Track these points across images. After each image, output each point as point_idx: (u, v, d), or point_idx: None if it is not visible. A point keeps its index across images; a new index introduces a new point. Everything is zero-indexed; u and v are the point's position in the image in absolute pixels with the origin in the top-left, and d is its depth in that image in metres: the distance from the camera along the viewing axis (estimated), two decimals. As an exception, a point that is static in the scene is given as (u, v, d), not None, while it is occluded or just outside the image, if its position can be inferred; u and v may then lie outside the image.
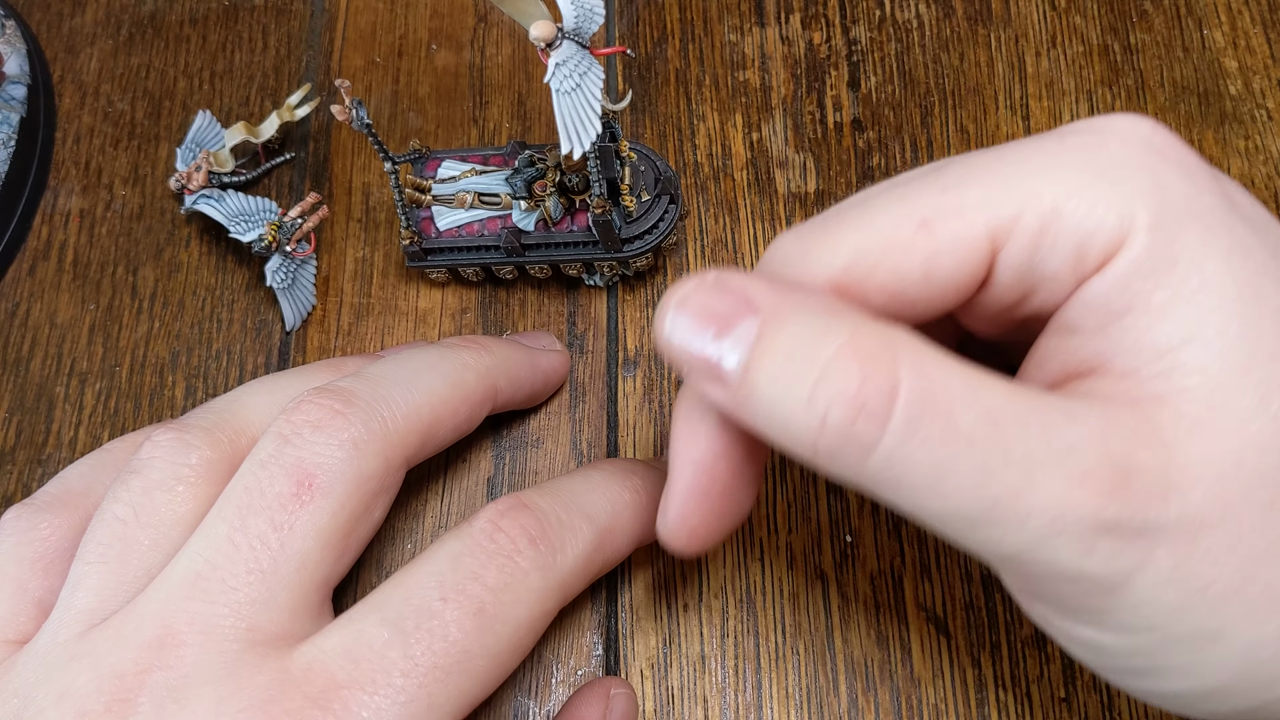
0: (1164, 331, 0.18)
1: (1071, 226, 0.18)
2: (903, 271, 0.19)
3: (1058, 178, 0.19)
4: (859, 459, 0.18)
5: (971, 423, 0.17)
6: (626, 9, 0.36)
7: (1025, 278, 0.19)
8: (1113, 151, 0.19)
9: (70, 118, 0.37)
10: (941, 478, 0.17)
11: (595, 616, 0.28)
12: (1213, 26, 0.35)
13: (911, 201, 0.20)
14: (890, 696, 0.27)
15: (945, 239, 0.19)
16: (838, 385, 0.17)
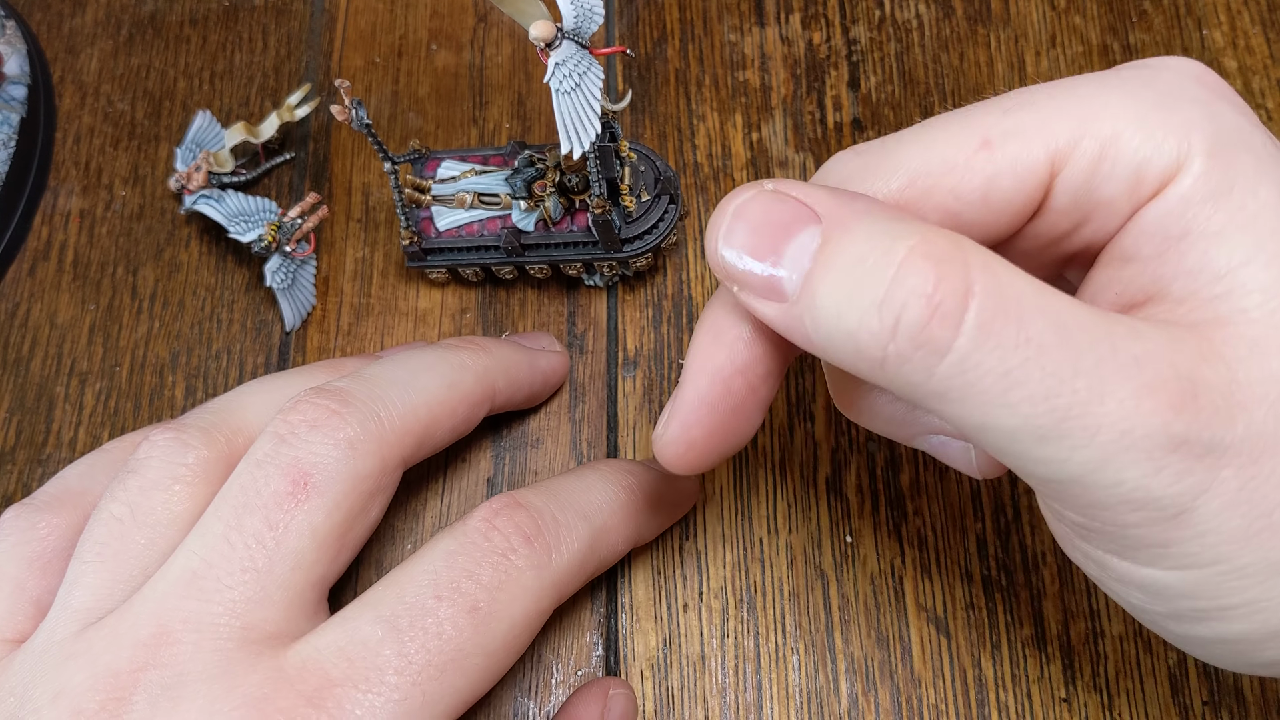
0: (1221, 254, 0.18)
1: (1129, 152, 0.19)
2: (962, 191, 0.20)
3: (1117, 106, 0.19)
4: (929, 365, 0.17)
5: (1042, 329, 0.17)
6: (626, 9, 0.36)
7: (1081, 203, 0.19)
8: (1168, 84, 0.19)
9: (70, 118, 0.37)
10: (1011, 386, 0.17)
11: (595, 617, 0.28)
12: (1212, 26, 0.35)
13: (974, 123, 0.20)
14: (890, 696, 0.27)
15: (1005, 160, 0.19)
16: (912, 285, 0.17)
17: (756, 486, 0.29)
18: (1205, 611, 0.19)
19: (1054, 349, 0.17)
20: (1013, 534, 0.28)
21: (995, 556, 0.28)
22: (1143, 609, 0.20)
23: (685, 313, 0.32)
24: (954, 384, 0.17)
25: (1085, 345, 0.17)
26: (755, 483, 0.29)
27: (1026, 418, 0.17)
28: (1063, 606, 0.28)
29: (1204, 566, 0.18)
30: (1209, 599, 0.18)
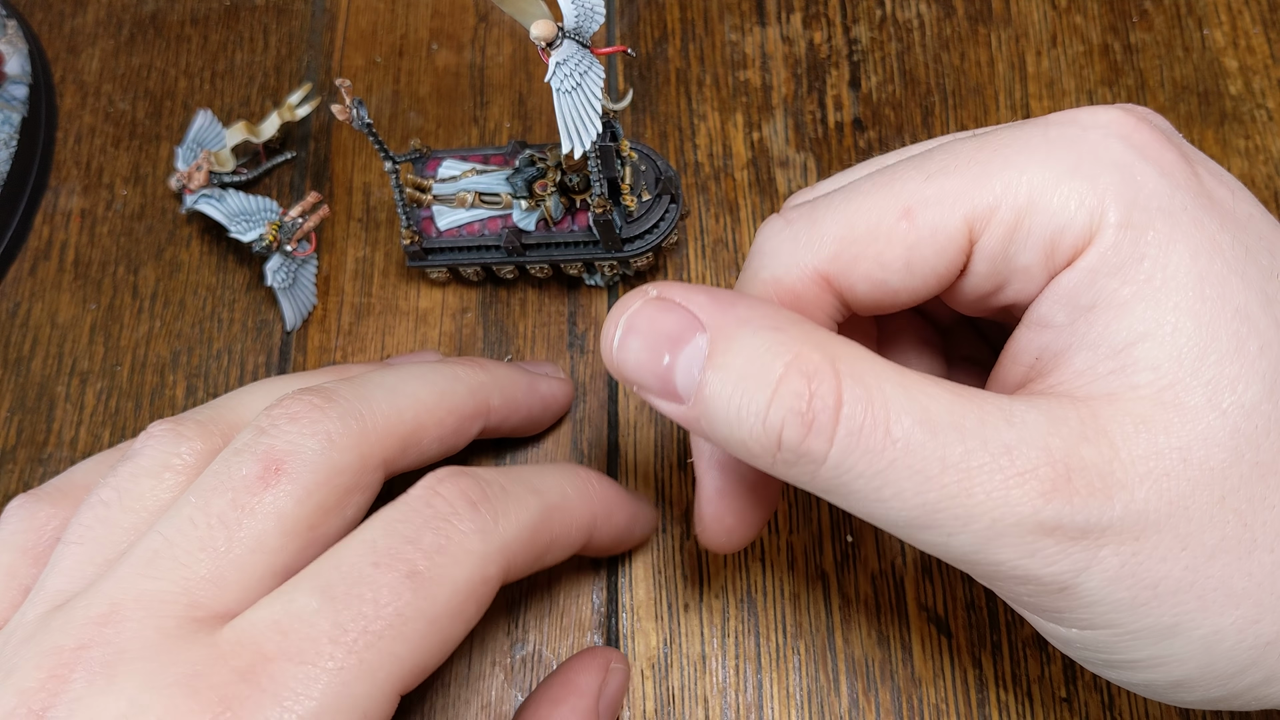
0: (1122, 327, 0.18)
1: (1043, 221, 0.19)
2: (885, 260, 0.20)
3: (1034, 171, 0.19)
4: (812, 470, 0.18)
5: (909, 429, 0.18)
6: (627, 8, 0.36)
7: (999, 269, 0.20)
8: (1091, 145, 0.19)
9: (71, 117, 0.37)
10: (882, 485, 0.18)
11: (596, 616, 0.28)
12: (1213, 26, 0.35)
13: (896, 190, 0.20)
14: (891, 696, 0.27)
15: (925, 229, 0.20)
16: (788, 404, 0.18)
17: (757, 486, 0.29)
18: (1114, 663, 0.20)
19: (920, 448, 0.18)
20: (1013, 534, 0.28)
21: (996, 556, 0.28)
22: (1070, 654, 0.21)
23: (686, 312, 0.32)
24: (835, 485, 0.19)
25: (953, 440, 0.18)
26: (756, 482, 0.29)
27: (900, 511, 0.18)
28: (1063, 606, 0.28)
29: (1099, 629, 0.19)
30: (1109, 653, 0.19)
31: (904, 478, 0.18)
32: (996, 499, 0.18)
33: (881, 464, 0.18)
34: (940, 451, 0.18)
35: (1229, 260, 0.19)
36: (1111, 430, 0.18)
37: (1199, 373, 0.18)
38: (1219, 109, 0.33)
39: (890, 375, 0.18)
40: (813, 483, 0.19)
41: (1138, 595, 0.18)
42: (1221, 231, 0.19)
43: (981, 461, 0.18)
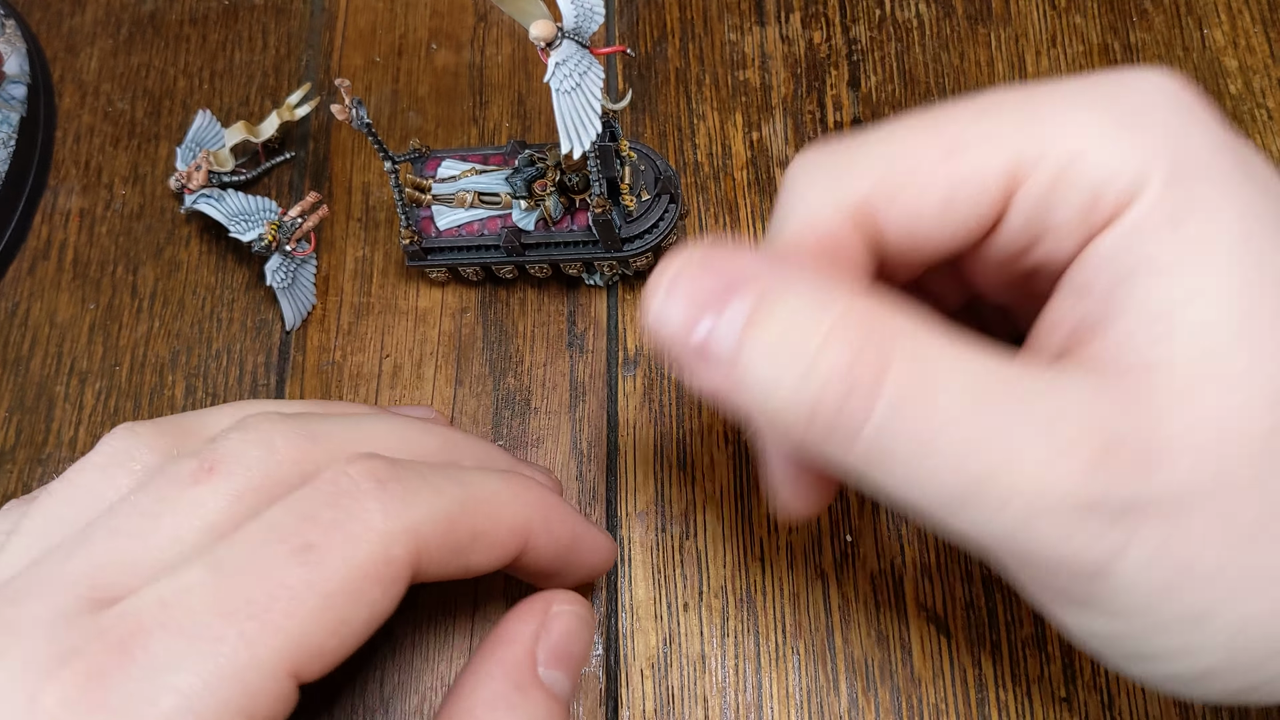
0: (1164, 292, 0.18)
1: (1087, 173, 0.18)
2: (924, 200, 0.19)
3: (1082, 122, 0.19)
4: (849, 439, 0.18)
5: (953, 399, 0.17)
6: (626, 8, 0.36)
7: (1035, 222, 0.19)
8: (1138, 100, 0.19)
9: (70, 117, 0.37)
10: (925, 456, 0.17)
11: (596, 616, 0.28)
12: (1213, 26, 0.35)
13: (941, 127, 0.19)
14: (890, 696, 0.27)
15: (968, 168, 0.19)
16: (831, 362, 0.17)
17: (757, 486, 0.29)
18: (1136, 655, 0.19)
19: (967, 417, 0.17)
20: (1013, 533, 0.28)
21: (995, 556, 0.28)
22: (1087, 647, 0.20)
23: (685, 312, 0.32)
24: (872, 456, 0.18)
25: (1000, 410, 0.17)
26: (756, 482, 0.29)
27: (942, 485, 0.17)
28: (1063, 606, 0.28)
29: (1130, 617, 0.18)
30: (1136, 643, 0.19)
31: (947, 449, 0.17)
32: (1040, 472, 0.17)
33: (926, 434, 0.17)
34: (987, 422, 0.17)
35: (1269, 226, 0.18)
36: (1153, 401, 0.17)
37: (1239, 340, 0.17)
38: (1219, 109, 0.33)
39: (940, 341, 0.18)
40: (848, 454, 0.18)
41: (1172, 579, 0.17)
42: (1261, 198, 0.18)
43: (1027, 434, 0.17)
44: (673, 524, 0.29)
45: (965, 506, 0.17)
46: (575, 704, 0.27)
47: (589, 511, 0.29)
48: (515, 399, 0.31)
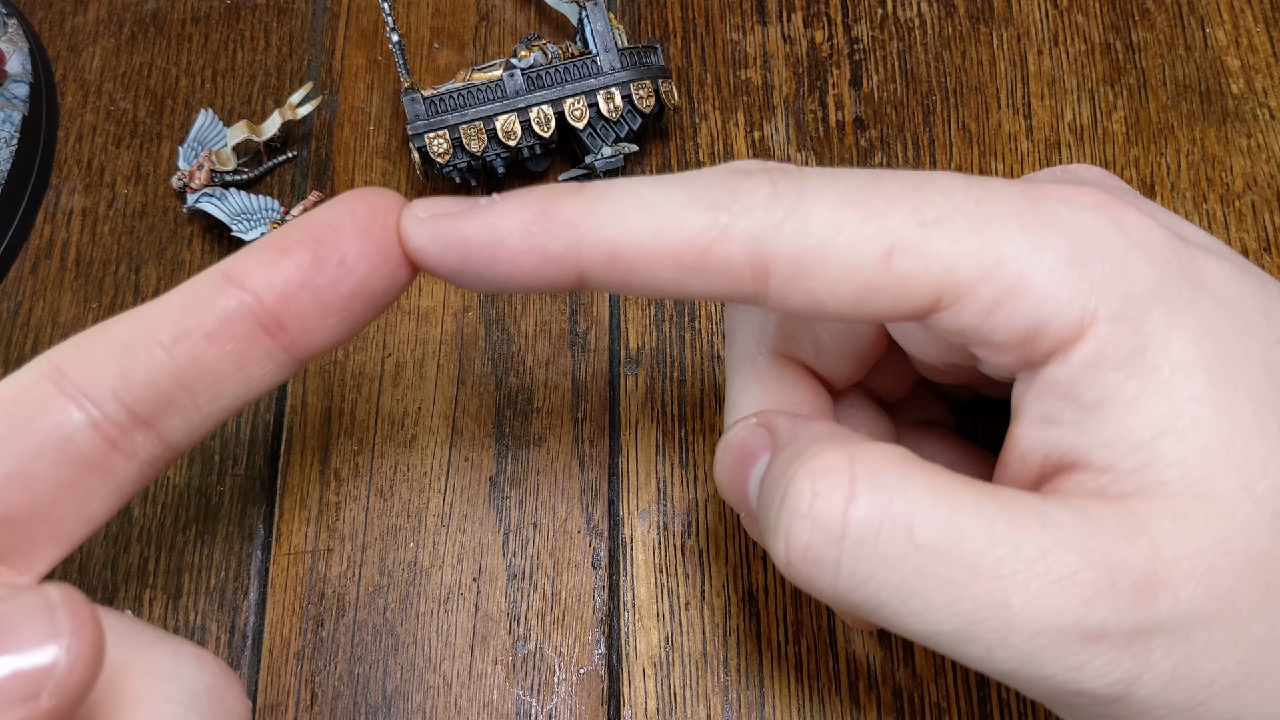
0: (1138, 424, 0.18)
1: (1030, 305, 0.18)
2: (837, 290, 0.19)
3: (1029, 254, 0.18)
4: (829, 579, 0.18)
5: (935, 534, 0.17)
6: (628, 7, 0.36)
7: (966, 335, 0.19)
8: (1083, 230, 0.18)
9: (73, 116, 0.37)
10: (909, 596, 0.17)
11: (598, 615, 0.28)
12: (1215, 25, 0.35)
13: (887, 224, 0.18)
14: (892, 695, 0.27)
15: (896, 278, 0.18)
16: (793, 502, 0.18)
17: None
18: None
19: (948, 555, 0.17)
20: (1014, 533, 0.28)
21: (997, 555, 0.28)
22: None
23: (687, 311, 0.32)
24: (857, 596, 0.17)
25: (983, 546, 0.17)
26: (757, 481, 0.29)
27: (934, 624, 0.17)
28: (1064, 605, 0.28)
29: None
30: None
31: (932, 588, 0.17)
32: (1035, 609, 0.17)
33: (905, 573, 0.17)
34: (970, 559, 0.17)
35: (1230, 340, 0.18)
36: (1150, 528, 0.17)
37: (1228, 461, 0.17)
38: (1221, 108, 0.33)
39: (918, 476, 0.17)
40: (835, 596, 0.18)
41: (1194, 696, 0.17)
42: (1217, 310, 0.18)
43: (1015, 569, 0.17)
44: (675, 523, 0.29)
45: (965, 643, 0.17)
46: (578, 703, 0.27)
47: (591, 511, 0.30)
48: (517, 398, 0.31)
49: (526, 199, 0.19)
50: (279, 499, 0.30)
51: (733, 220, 0.18)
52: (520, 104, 0.31)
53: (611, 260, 0.19)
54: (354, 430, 0.31)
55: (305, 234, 0.19)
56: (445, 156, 0.32)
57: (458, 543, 0.29)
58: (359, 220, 0.19)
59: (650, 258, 0.19)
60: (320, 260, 0.19)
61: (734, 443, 0.21)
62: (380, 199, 0.20)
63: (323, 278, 0.19)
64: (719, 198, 0.19)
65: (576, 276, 0.19)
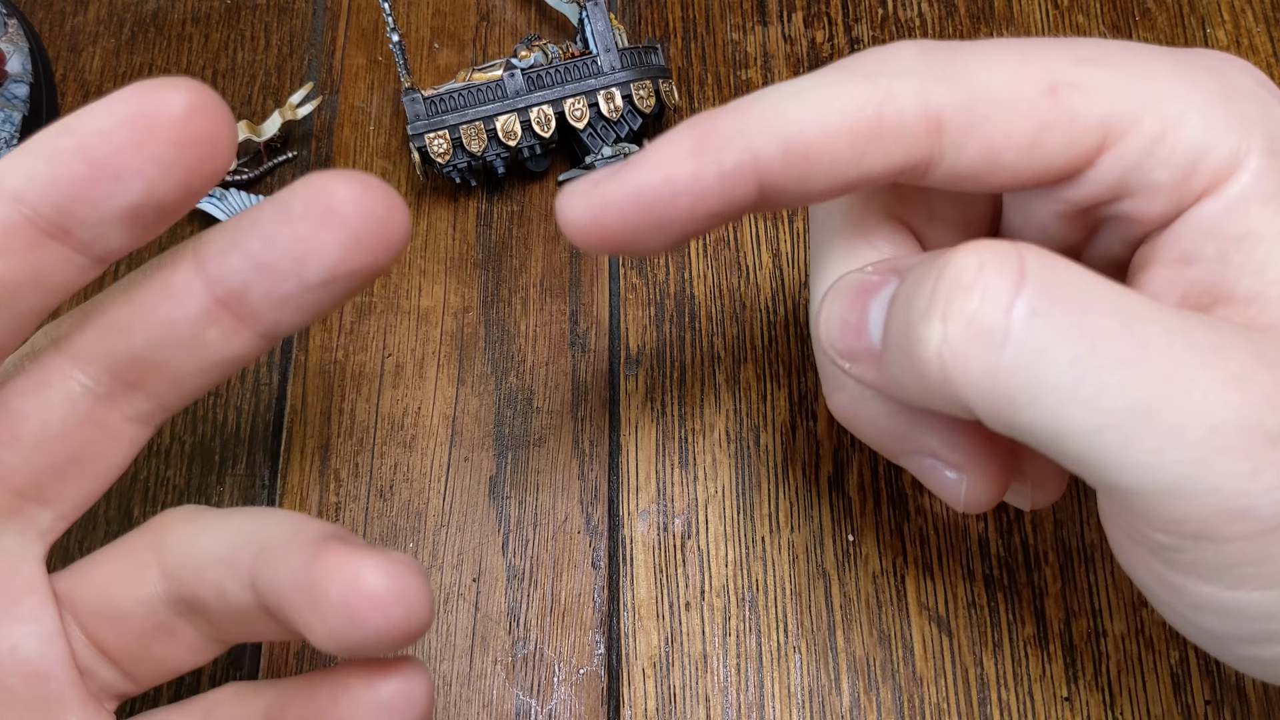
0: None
1: (1189, 139, 0.18)
2: (1013, 131, 0.18)
3: (1185, 89, 0.18)
4: (993, 357, 0.16)
5: (1107, 319, 0.16)
6: (629, 7, 0.36)
7: (1128, 179, 0.19)
8: (1230, 77, 0.19)
9: (73, 116, 0.37)
10: (1083, 375, 0.16)
11: (598, 615, 0.28)
12: (1215, 25, 0.35)
13: (1045, 63, 0.18)
14: (892, 695, 0.27)
15: (1066, 112, 0.18)
16: (954, 276, 0.16)
17: (758, 485, 0.29)
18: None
19: (1123, 338, 0.16)
20: (1015, 532, 0.28)
21: (997, 555, 0.28)
22: (1212, 632, 0.18)
23: (687, 311, 0.32)
24: (1021, 380, 0.16)
25: (1158, 334, 0.16)
26: (757, 481, 0.29)
27: (1106, 415, 0.16)
28: (1065, 605, 0.28)
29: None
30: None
31: (1108, 368, 0.16)
32: (1217, 400, 0.15)
33: (1082, 348, 0.16)
34: (1147, 340, 0.16)
35: None
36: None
37: None
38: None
39: (1080, 269, 0.17)
40: (994, 383, 0.16)
41: None
42: None
43: (1193, 358, 0.16)
44: (675, 523, 0.29)
45: (1132, 440, 0.16)
46: (578, 703, 0.27)
47: (590, 511, 0.30)
48: (517, 398, 0.31)
49: (676, 133, 0.19)
50: (279, 499, 0.30)
51: (893, 80, 0.18)
52: (520, 104, 0.31)
53: (787, 154, 0.18)
54: (354, 430, 0.31)
55: (75, 141, 0.17)
56: (445, 156, 0.32)
57: (457, 543, 0.29)
58: (134, 129, 0.17)
59: (824, 139, 0.18)
60: (93, 173, 0.17)
61: (848, 284, 0.19)
62: (159, 95, 0.18)
63: (97, 190, 0.17)
64: (870, 68, 0.19)
65: (756, 186, 0.19)
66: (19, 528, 0.21)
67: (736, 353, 0.31)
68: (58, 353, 0.20)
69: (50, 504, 0.21)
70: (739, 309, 0.32)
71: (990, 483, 0.21)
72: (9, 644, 0.20)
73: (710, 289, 0.32)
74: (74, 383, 0.20)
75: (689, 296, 0.32)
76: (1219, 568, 0.17)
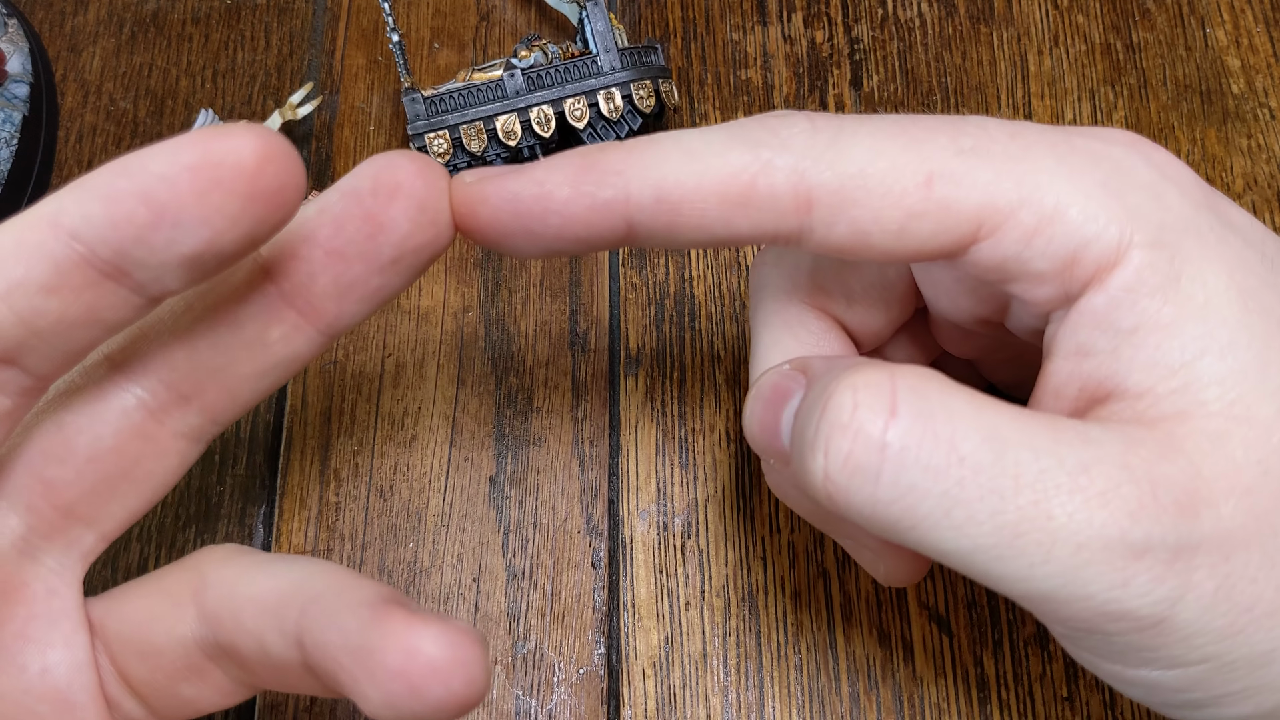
0: (1176, 346, 0.18)
1: (1068, 232, 0.18)
2: (881, 219, 0.19)
3: (1063, 180, 0.18)
4: (869, 490, 0.17)
5: (977, 446, 0.17)
6: (629, 7, 0.36)
7: (1006, 266, 0.19)
8: (1116, 162, 0.19)
9: (73, 116, 0.37)
10: (952, 507, 0.17)
11: (597, 615, 0.28)
12: (1215, 25, 0.35)
13: (925, 151, 0.19)
14: (892, 695, 0.27)
15: (938, 203, 0.19)
16: (834, 414, 0.17)
17: (759, 485, 0.29)
18: (1201, 701, 0.18)
19: (991, 465, 0.17)
20: (1015, 533, 0.28)
21: (997, 555, 0.28)
22: (1143, 700, 0.20)
23: (687, 311, 0.32)
24: (897, 510, 0.17)
25: (1027, 459, 0.17)
26: (757, 481, 0.29)
27: (975, 539, 0.17)
28: (1065, 605, 0.28)
29: (1193, 665, 0.18)
30: (1201, 691, 0.18)
31: (975, 498, 0.17)
32: (1080, 520, 0.16)
33: (948, 482, 0.17)
34: (1013, 470, 0.17)
35: (1260, 274, 0.18)
36: (1188, 448, 0.17)
37: (1264, 384, 0.17)
38: (1221, 108, 0.33)
39: (958, 394, 0.17)
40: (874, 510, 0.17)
41: (1234, 621, 0.17)
42: (1246, 248, 0.19)
43: (1059, 480, 0.17)
44: (675, 523, 0.29)
45: (1004, 559, 0.17)
46: (578, 703, 0.27)
47: (590, 511, 0.30)
48: (517, 398, 0.31)
49: (570, 155, 0.20)
50: (279, 499, 0.30)
51: (774, 154, 0.19)
52: (520, 104, 0.31)
53: (658, 201, 0.19)
54: (354, 430, 0.31)
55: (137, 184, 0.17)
56: (445, 157, 0.32)
57: (457, 543, 0.29)
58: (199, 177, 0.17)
59: (695, 196, 0.19)
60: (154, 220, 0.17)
61: (766, 386, 0.21)
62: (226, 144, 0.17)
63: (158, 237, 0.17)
64: (759, 136, 0.19)
65: (625, 224, 0.19)
66: (62, 548, 0.21)
67: (736, 353, 0.31)
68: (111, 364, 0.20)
69: (95, 523, 0.21)
70: (739, 309, 0.32)
71: (905, 565, 0.23)
72: (40, 667, 0.20)
73: (710, 289, 0.32)
74: (128, 395, 0.20)
75: (689, 296, 0.32)
76: (1117, 653, 0.18)
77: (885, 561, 0.23)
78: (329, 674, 0.18)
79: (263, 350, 0.20)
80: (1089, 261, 0.18)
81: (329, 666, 0.18)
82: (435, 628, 0.18)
